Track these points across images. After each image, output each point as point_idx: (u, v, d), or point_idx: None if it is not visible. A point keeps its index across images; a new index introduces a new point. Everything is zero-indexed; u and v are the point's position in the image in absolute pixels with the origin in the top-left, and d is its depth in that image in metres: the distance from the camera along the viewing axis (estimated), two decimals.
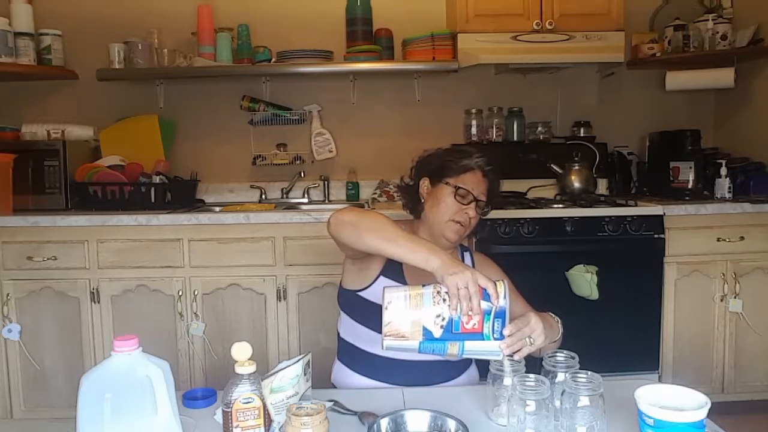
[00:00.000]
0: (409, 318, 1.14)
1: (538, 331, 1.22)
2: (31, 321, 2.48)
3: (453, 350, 1.14)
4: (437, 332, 1.13)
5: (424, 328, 1.13)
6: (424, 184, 1.60)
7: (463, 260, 1.61)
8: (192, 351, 2.50)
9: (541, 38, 2.74)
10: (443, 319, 1.13)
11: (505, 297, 1.14)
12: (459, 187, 1.52)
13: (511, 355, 1.16)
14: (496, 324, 1.14)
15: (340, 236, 1.37)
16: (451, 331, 1.13)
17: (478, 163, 1.55)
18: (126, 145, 2.88)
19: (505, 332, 1.14)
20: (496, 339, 1.14)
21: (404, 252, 1.23)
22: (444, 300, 1.14)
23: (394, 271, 1.49)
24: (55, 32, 2.84)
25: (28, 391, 2.51)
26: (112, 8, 2.99)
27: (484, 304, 1.13)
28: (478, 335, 1.14)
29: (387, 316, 1.14)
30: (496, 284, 1.15)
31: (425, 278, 1.20)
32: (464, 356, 1.17)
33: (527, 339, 1.20)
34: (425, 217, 1.58)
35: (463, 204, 1.52)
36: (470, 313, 1.12)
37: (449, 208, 1.52)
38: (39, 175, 2.64)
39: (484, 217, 1.59)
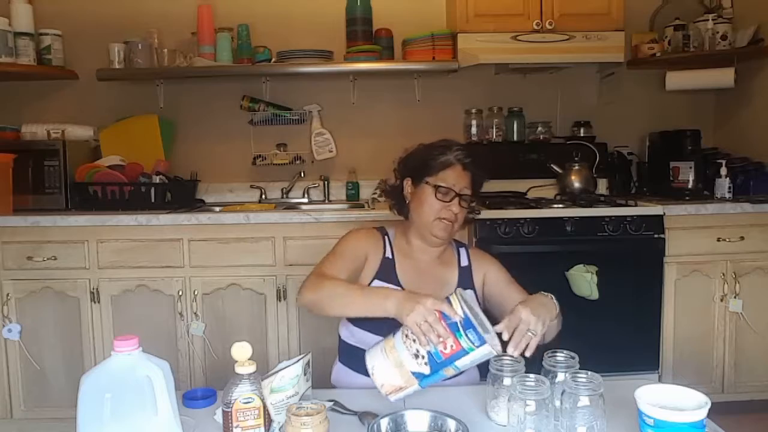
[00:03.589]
0: (395, 371, 1.17)
1: (533, 321, 1.21)
2: (31, 321, 2.48)
3: (450, 372, 1.17)
4: (426, 370, 1.16)
5: (414, 373, 1.16)
6: (407, 184, 1.60)
7: (458, 257, 1.60)
8: (192, 351, 2.50)
9: (541, 38, 2.74)
10: (423, 357, 1.16)
11: (462, 307, 1.16)
12: (439, 186, 1.50)
13: (523, 354, 1.17)
14: (470, 335, 1.14)
15: (313, 313, 1.42)
16: (437, 362, 1.15)
17: (458, 156, 1.53)
18: (126, 145, 2.88)
19: (499, 329, 1.18)
20: (478, 346, 1.14)
21: (362, 309, 1.30)
22: (414, 341, 1.17)
23: (387, 272, 1.50)
24: (55, 32, 2.84)
25: (28, 391, 2.51)
26: (112, 8, 2.99)
27: (451, 333, 1.15)
28: (461, 353, 1.14)
29: (377, 380, 1.18)
30: (450, 300, 1.18)
31: (418, 276, 1.26)
32: (466, 369, 1.18)
33: (528, 333, 1.19)
34: (412, 218, 1.58)
35: (446, 201, 1.50)
36: (441, 339, 1.14)
37: (432, 207, 1.51)
38: (39, 175, 2.64)
39: (473, 209, 1.60)
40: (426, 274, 1.20)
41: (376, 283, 1.48)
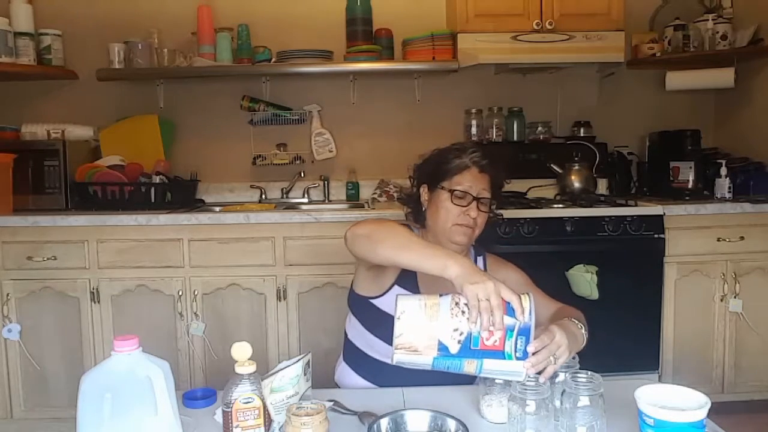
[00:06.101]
0: (423, 330, 1.03)
1: (563, 347, 1.10)
2: (31, 321, 2.48)
3: (470, 368, 1.04)
4: (454, 348, 1.03)
5: (440, 343, 1.03)
6: (424, 191, 1.54)
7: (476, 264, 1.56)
8: (192, 351, 2.50)
9: (541, 38, 2.74)
10: (461, 334, 1.03)
11: (530, 313, 1.04)
12: (455, 190, 1.45)
13: (538, 374, 1.06)
14: (519, 342, 1.03)
15: (356, 250, 1.32)
16: (470, 347, 1.02)
17: (474, 159, 1.47)
18: (126, 145, 2.88)
19: (530, 349, 1.04)
20: (518, 359, 1.03)
21: (420, 259, 1.15)
22: (463, 312, 1.04)
23: (409, 280, 1.43)
24: (55, 32, 2.84)
25: (28, 391, 2.51)
26: (112, 8, 2.99)
27: (508, 320, 1.03)
28: (498, 353, 1.03)
29: (399, 327, 1.04)
30: (521, 298, 1.06)
31: (441, 289, 1.12)
32: (482, 375, 1.08)
33: (552, 357, 1.08)
34: (429, 225, 1.52)
35: (463, 206, 1.44)
36: (491, 328, 1.02)
37: (450, 213, 1.45)
38: (39, 175, 2.63)
39: (495, 213, 1.52)
40: (445, 283, 1.12)
41: (397, 289, 1.42)
